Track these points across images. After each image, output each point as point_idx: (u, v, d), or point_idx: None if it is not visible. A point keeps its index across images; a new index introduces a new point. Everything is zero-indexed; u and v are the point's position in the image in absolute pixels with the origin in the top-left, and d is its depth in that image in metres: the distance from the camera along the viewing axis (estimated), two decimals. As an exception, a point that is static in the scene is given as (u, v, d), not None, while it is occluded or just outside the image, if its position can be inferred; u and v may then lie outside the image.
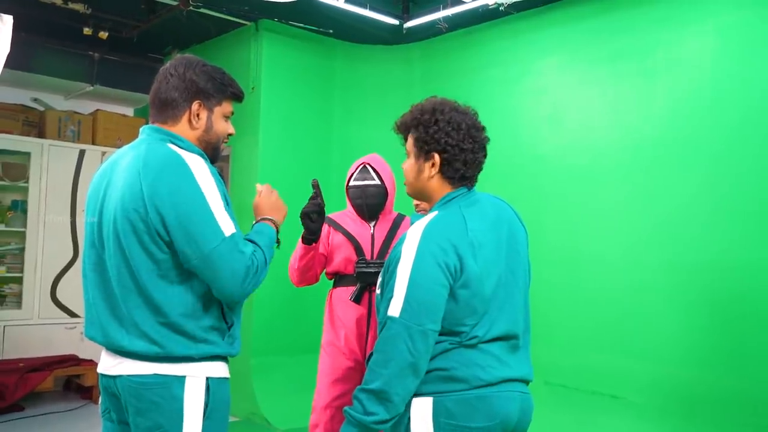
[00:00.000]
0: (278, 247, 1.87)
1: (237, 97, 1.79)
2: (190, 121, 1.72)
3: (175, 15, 4.25)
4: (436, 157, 1.71)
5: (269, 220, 1.86)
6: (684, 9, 3.45)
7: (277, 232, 1.85)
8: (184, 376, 1.61)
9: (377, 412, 1.55)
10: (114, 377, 1.65)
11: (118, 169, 1.68)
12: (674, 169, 3.42)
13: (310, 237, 2.57)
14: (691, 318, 3.31)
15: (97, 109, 5.35)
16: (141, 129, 1.76)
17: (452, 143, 1.69)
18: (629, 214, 3.58)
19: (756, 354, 3.08)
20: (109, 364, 1.67)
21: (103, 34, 4.56)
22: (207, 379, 1.64)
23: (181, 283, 1.61)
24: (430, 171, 1.72)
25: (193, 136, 1.72)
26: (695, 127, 3.35)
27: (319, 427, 2.68)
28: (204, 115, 1.73)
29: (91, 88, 5.17)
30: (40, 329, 4.65)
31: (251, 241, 1.71)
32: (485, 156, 1.76)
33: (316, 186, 2.53)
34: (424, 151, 1.72)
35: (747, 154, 3.16)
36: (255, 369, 4.45)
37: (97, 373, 1.74)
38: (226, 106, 1.78)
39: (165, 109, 1.72)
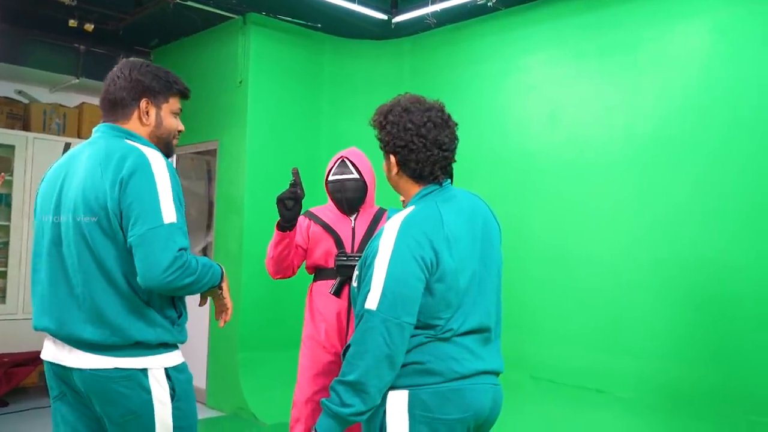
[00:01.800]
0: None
1: (182, 93, 1.89)
2: (140, 118, 1.82)
3: (162, 7, 4.22)
4: (392, 158, 1.76)
5: (223, 269, 1.88)
6: (673, 5, 3.46)
7: (221, 280, 1.85)
8: (146, 369, 1.70)
9: (354, 403, 1.57)
10: (69, 369, 1.71)
11: (75, 164, 1.76)
12: (664, 166, 3.43)
13: (285, 224, 2.58)
14: (677, 315, 3.34)
15: (83, 102, 5.31)
16: (95, 128, 1.84)
17: (401, 144, 1.73)
18: (618, 211, 3.60)
19: (740, 350, 3.11)
20: (62, 355, 1.72)
21: (89, 27, 4.51)
22: (166, 369, 1.73)
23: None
24: (393, 170, 1.78)
25: (144, 133, 1.82)
26: (685, 124, 3.37)
27: (300, 421, 2.69)
28: (153, 111, 1.83)
29: (77, 80, 5.12)
30: (24, 324, 4.60)
31: (196, 261, 1.73)
32: (446, 151, 1.75)
33: (295, 174, 2.56)
34: (384, 152, 1.79)
35: (738, 151, 3.18)
36: (242, 364, 4.44)
37: (43, 360, 1.79)
38: (173, 103, 1.87)
39: (115, 109, 1.81)
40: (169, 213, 1.66)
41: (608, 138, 3.67)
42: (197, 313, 1.94)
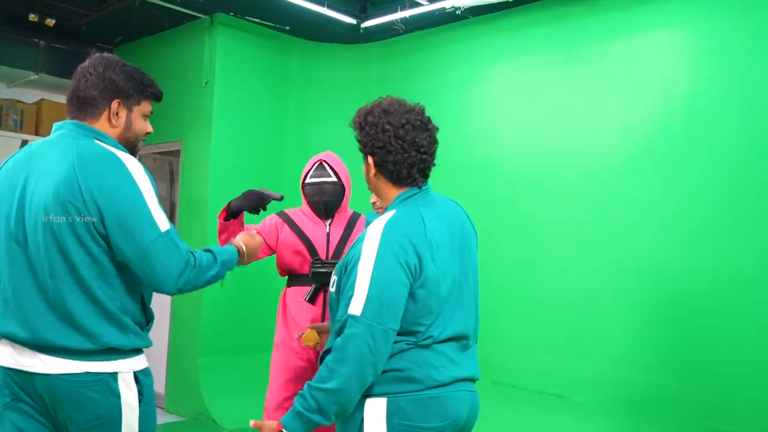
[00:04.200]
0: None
1: (156, 97, 1.84)
2: (109, 119, 1.75)
3: (127, 5, 4.15)
4: (370, 159, 1.75)
5: (241, 246, 1.92)
6: (637, 18, 3.55)
7: (239, 259, 1.90)
8: (116, 373, 1.66)
9: (330, 411, 1.55)
10: (31, 374, 1.64)
11: (39, 162, 1.68)
12: (625, 175, 3.51)
13: (231, 214, 2.57)
14: (635, 321, 3.41)
15: (42, 99, 5.17)
16: (59, 124, 1.76)
17: (378, 145, 1.72)
18: (580, 219, 3.67)
19: (696, 356, 3.19)
20: (23, 360, 1.65)
21: (50, 21, 4.40)
22: (134, 373, 1.71)
23: (115, 275, 1.66)
24: (373, 171, 1.76)
25: (113, 134, 1.76)
26: (645, 134, 3.45)
27: None
28: (123, 113, 1.77)
29: (36, 76, 4.98)
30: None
31: (211, 252, 1.77)
32: (424, 153, 1.74)
33: (275, 198, 2.57)
34: (363, 153, 1.78)
35: (695, 160, 3.27)
36: (203, 368, 4.37)
37: None
38: (145, 106, 1.82)
39: (84, 107, 1.74)
40: (162, 220, 1.65)
41: (572, 148, 3.73)
42: (157, 315, 1.90)
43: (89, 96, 1.73)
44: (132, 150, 1.80)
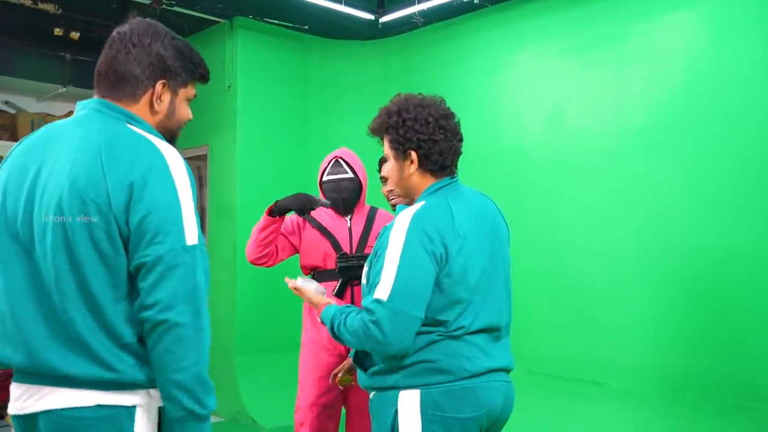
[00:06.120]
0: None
1: (204, 78, 1.54)
2: (151, 103, 1.43)
3: (147, 13, 4.20)
4: (413, 154, 1.74)
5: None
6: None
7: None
8: (134, 407, 1.31)
9: (328, 323, 1.72)
10: (34, 415, 1.30)
11: (56, 149, 1.35)
12: (654, 158, 3.45)
13: (278, 211, 2.56)
14: (669, 305, 3.36)
15: (71, 111, 5.26)
16: (83, 103, 1.43)
17: (424, 138, 1.72)
18: (609, 202, 3.62)
19: (731, 338, 3.14)
20: (26, 399, 1.31)
21: (75, 35, 4.49)
22: (160, 409, 1.34)
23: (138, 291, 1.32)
24: (410, 168, 1.76)
25: (152, 121, 1.44)
26: (674, 115, 3.39)
27: (305, 425, 2.67)
28: (167, 97, 1.45)
29: (64, 89, 5.09)
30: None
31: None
32: (460, 140, 1.79)
33: (323, 204, 2.63)
34: (401, 152, 1.76)
35: (727, 141, 3.20)
36: (239, 368, 4.43)
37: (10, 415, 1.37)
38: (191, 89, 1.51)
39: (121, 85, 1.40)
40: (191, 231, 1.31)
41: (598, 131, 3.68)
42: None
43: (130, 72, 1.39)
44: (171, 141, 1.48)
